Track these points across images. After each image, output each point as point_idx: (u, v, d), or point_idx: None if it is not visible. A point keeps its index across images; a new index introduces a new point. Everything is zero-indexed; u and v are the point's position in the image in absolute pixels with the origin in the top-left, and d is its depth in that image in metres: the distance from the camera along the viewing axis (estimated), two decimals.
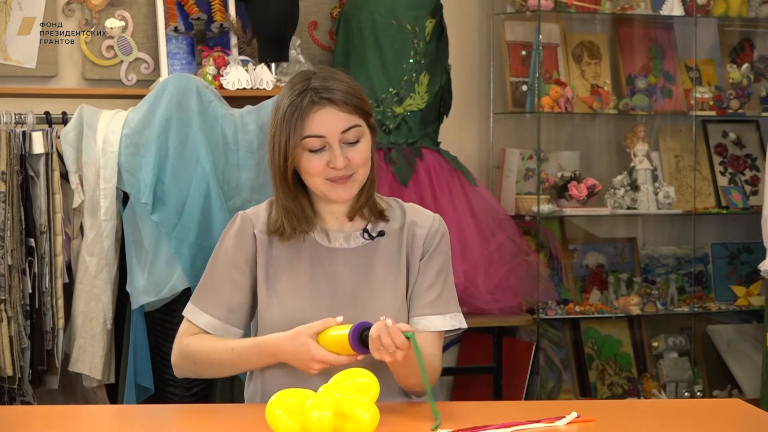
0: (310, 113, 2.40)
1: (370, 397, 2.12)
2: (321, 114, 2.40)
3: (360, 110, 2.43)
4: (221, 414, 2.47)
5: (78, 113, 3.80)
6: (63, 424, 2.38)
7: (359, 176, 2.45)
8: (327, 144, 2.41)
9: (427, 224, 2.52)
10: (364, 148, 2.44)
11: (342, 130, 2.41)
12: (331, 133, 2.40)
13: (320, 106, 2.40)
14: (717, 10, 4.91)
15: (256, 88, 4.10)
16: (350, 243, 2.49)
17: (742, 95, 4.91)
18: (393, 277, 2.48)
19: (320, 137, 2.40)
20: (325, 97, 2.40)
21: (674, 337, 4.92)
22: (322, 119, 2.40)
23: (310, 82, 2.42)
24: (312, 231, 2.49)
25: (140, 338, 3.76)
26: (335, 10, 4.56)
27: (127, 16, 4.28)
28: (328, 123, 2.40)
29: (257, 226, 2.49)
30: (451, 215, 4.23)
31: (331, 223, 2.50)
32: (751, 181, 5.06)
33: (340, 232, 2.50)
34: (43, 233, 3.76)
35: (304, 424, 2.06)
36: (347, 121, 2.41)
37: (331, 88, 2.41)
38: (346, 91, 2.42)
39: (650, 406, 2.67)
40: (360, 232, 2.50)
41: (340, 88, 2.42)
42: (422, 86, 4.39)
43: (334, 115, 2.41)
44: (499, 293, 4.32)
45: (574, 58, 4.88)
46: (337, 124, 2.41)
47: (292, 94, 2.42)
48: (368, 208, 2.50)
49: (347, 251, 2.48)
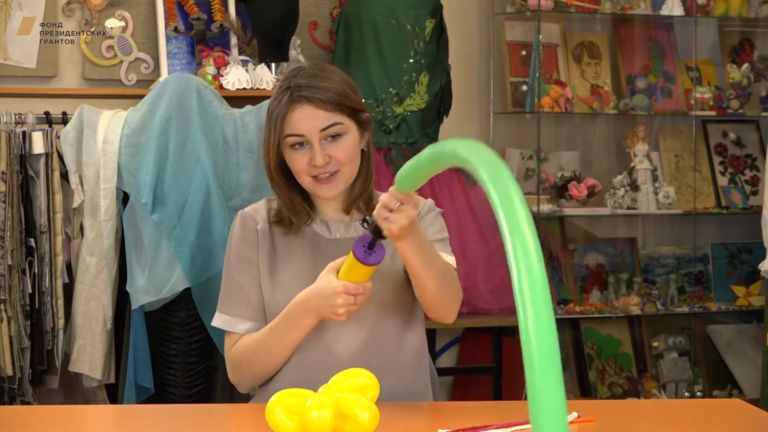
0: (289, 112, 2.42)
1: (370, 397, 2.12)
2: (299, 112, 2.42)
3: (343, 107, 2.43)
4: (221, 414, 2.47)
5: (78, 113, 3.80)
6: (63, 424, 2.38)
7: (345, 173, 2.45)
8: (308, 141, 2.42)
9: (419, 205, 2.52)
10: (348, 145, 2.44)
11: (321, 128, 2.42)
12: (309, 132, 2.42)
13: (299, 104, 2.42)
14: (717, 10, 4.91)
15: (256, 88, 4.10)
16: (350, 233, 2.51)
17: (742, 95, 4.91)
18: (396, 261, 2.49)
19: (299, 135, 2.42)
20: (303, 96, 2.42)
21: (674, 337, 4.92)
22: (301, 118, 2.42)
23: (293, 80, 2.44)
24: (312, 222, 2.50)
25: (140, 338, 3.76)
26: (335, 10, 4.57)
27: (127, 16, 4.28)
28: (306, 121, 2.42)
29: (258, 220, 2.51)
30: (451, 215, 4.23)
31: (330, 214, 2.52)
32: (751, 181, 5.06)
33: (340, 223, 2.52)
34: (43, 233, 3.76)
35: (304, 424, 2.06)
36: (326, 119, 2.42)
37: (312, 85, 2.42)
38: (327, 89, 2.42)
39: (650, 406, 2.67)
40: (359, 222, 2.51)
41: (322, 86, 2.42)
42: (422, 86, 4.39)
43: (311, 113, 2.42)
44: (500, 293, 4.32)
45: (574, 58, 4.89)
46: (315, 122, 2.42)
47: (278, 90, 2.47)
48: (364, 201, 2.50)
49: (348, 240, 2.49)
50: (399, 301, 2.48)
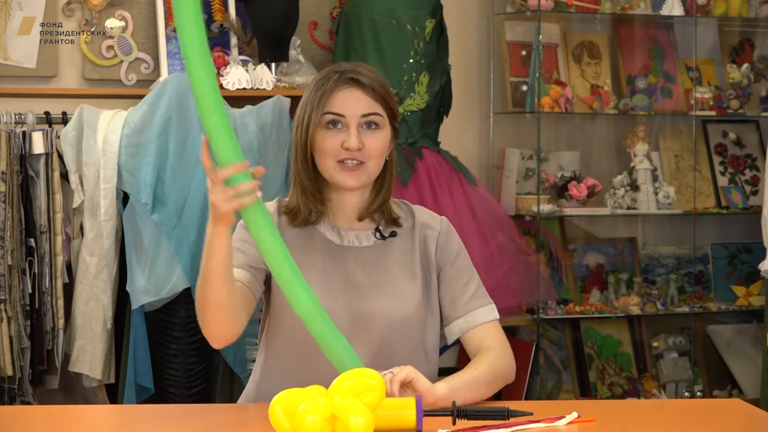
0: (335, 91, 2.44)
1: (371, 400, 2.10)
2: (345, 93, 2.44)
3: (385, 102, 2.46)
4: (221, 414, 2.47)
5: (78, 113, 3.80)
6: (63, 424, 2.38)
7: (369, 167, 2.45)
8: (345, 125, 2.43)
9: (436, 226, 2.54)
10: (382, 139, 2.45)
11: (363, 113, 2.44)
12: (351, 113, 2.43)
13: (347, 85, 2.45)
14: (717, 10, 4.91)
15: (256, 88, 4.10)
16: (362, 242, 2.50)
17: (742, 95, 4.91)
18: (409, 276, 2.48)
19: (340, 115, 2.43)
20: (351, 78, 2.45)
21: (674, 337, 4.92)
22: (345, 98, 2.44)
23: (340, 67, 2.48)
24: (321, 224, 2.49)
25: (140, 338, 3.76)
26: (335, 10, 4.56)
27: (127, 16, 4.28)
28: (350, 102, 2.44)
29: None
30: (451, 215, 4.22)
31: (342, 221, 2.50)
32: (751, 181, 5.06)
33: (351, 230, 2.50)
34: (43, 233, 3.76)
35: (297, 425, 2.06)
36: (370, 106, 2.44)
37: (363, 73, 2.46)
38: (374, 79, 2.46)
39: (650, 406, 2.67)
40: (372, 231, 2.50)
41: (372, 77, 2.46)
42: (422, 86, 4.38)
43: (357, 96, 2.44)
44: (499, 293, 4.31)
45: (574, 58, 4.88)
46: (358, 106, 2.44)
47: (324, 73, 2.48)
48: (380, 213, 2.50)
49: (358, 249, 2.48)
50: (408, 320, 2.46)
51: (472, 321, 2.50)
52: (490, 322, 2.50)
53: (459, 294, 2.50)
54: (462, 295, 2.50)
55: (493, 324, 2.51)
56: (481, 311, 2.50)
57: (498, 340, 2.49)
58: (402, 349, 2.45)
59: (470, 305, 2.50)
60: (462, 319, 2.50)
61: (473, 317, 2.50)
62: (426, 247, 2.52)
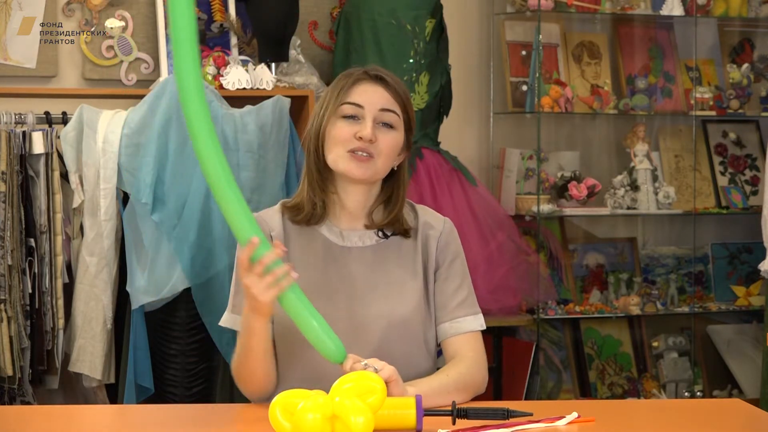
0: (357, 84, 2.48)
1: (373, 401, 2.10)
2: (366, 86, 2.48)
3: (404, 107, 2.49)
4: (221, 414, 2.47)
5: (78, 113, 3.80)
6: (63, 424, 2.38)
7: (379, 163, 2.46)
8: (362, 117, 2.45)
9: (439, 226, 2.54)
10: (395, 138, 2.47)
11: (381, 107, 2.46)
12: (369, 106, 2.46)
13: (370, 80, 2.48)
14: (717, 10, 4.91)
15: (256, 88, 4.10)
16: (364, 241, 2.50)
17: (742, 95, 4.91)
18: (410, 275, 2.49)
19: (358, 106, 2.45)
20: (375, 75, 2.49)
21: (674, 337, 4.92)
22: (366, 90, 2.47)
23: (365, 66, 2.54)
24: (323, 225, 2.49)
25: (140, 338, 3.76)
26: (335, 10, 4.56)
27: (127, 16, 4.28)
28: (370, 95, 2.47)
29: (273, 227, 2.50)
30: (451, 215, 4.20)
31: (344, 222, 2.51)
32: (751, 181, 5.06)
33: (353, 231, 2.51)
34: (43, 233, 3.76)
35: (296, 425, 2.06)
36: (389, 101, 2.47)
37: (386, 73, 2.50)
38: (398, 83, 2.50)
39: (650, 406, 2.67)
40: (374, 231, 2.50)
41: (394, 79, 2.50)
42: (422, 86, 4.38)
43: (379, 91, 2.47)
44: (499, 293, 4.32)
45: (574, 58, 4.88)
46: (378, 99, 2.47)
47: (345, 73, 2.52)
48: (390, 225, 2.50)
49: (361, 249, 2.49)
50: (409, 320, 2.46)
51: (457, 328, 2.50)
52: (473, 332, 2.50)
53: (448, 298, 2.51)
54: (452, 299, 2.51)
55: (474, 335, 2.51)
56: (466, 320, 2.50)
57: (475, 351, 2.49)
58: (402, 348, 2.45)
59: (457, 312, 2.50)
60: (447, 324, 2.51)
61: (458, 324, 2.50)
62: (427, 247, 2.52)
